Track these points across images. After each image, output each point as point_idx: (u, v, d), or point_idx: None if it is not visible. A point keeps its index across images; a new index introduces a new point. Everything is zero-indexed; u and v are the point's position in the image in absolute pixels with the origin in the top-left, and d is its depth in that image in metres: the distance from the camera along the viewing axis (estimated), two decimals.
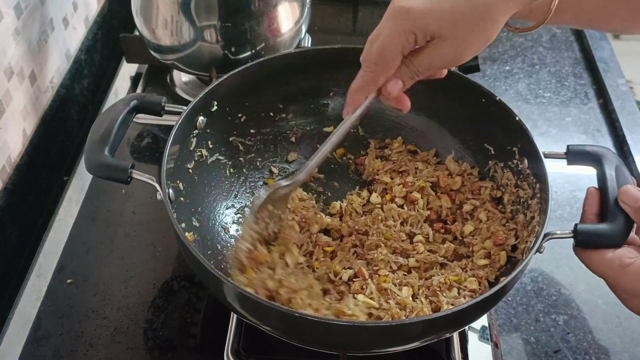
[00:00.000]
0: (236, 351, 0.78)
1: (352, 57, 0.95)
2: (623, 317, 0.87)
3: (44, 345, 0.80)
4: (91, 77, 1.22)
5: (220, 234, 0.87)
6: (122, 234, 0.93)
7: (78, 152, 1.08)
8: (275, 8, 1.01)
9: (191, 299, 0.86)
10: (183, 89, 1.15)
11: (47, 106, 1.05)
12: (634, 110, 1.17)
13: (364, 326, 0.67)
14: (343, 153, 0.99)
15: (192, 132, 0.86)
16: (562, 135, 1.15)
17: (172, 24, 0.99)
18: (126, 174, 0.75)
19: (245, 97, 0.92)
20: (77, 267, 0.89)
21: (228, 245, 0.86)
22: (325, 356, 0.76)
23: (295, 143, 0.99)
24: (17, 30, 0.95)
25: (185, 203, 0.83)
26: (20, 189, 0.96)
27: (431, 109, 0.96)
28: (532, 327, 0.86)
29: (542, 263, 0.92)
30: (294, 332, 0.70)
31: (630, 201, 0.70)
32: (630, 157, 1.08)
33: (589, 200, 0.76)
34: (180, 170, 0.83)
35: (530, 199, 0.81)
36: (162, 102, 0.83)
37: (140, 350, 0.80)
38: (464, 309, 0.65)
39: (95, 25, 1.24)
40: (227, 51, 1.01)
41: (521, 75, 1.28)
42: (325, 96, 0.99)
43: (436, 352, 0.80)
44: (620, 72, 1.26)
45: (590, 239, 0.71)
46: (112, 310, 0.84)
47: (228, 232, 0.88)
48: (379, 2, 1.40)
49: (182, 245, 0.71)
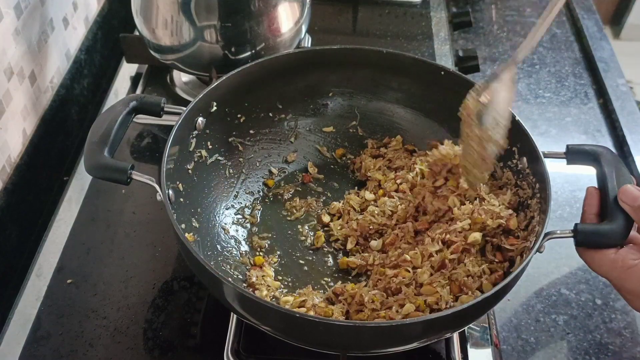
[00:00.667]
0: (236, 351, 0.78)
1: (351, 57, 0.96)
2: (623, 317, 0.87)
3: (44, 345, 0.80)
4: (91, 77, 1.22)
5: (220, 235, 0.87)
6: (122, 234, 0.93)
7: (78, 152, 1.08)
8: (275, 8, 1.01)
9: (191, 299, 0.86)
10: (183, 89, 1.15)
11: (47, 106, 1.06)
12: (634, 110, 1.17)
13: (363, 326, 0.67)
14: (342, 153, 0.99)
15: (192, 133, 0.86)
16: (562, 135, 1.15)
17: (172, 24, 0.99)
18: (126, 175, 0.75)
19: (245, 98, 0.93)
20: (77, 267, 0.89)
21: (228, 246, 0.86)
22: (325, 356, 0.76)
23: (295, 143, 0.99)
24: (17, 30, 0.95)
25: (185, 204, 0.83)
26: (20, 189, 0.96)
27: (430, 109, 0.96)
28: (532, 327, 0.86)
29: (542, 263, 0.92)
30: (293, 332, 0.70)
31: (630, 200, 0.70)
32: (630, 157, 1.08)
33: (588, 200, 0.76)
34: (179, 171, 0.83)
35: (530, 199, 0.81)
36: (161, 103, 0.83)
37: (140, 350, 0.80)
38: (464, 309, 0.65)
39: (95, 25, 1.24)
40: (227, 51, 1.01)
41: (521, 75, 1.28)
42: (325, 96, 0.99)
43: (436, 352, 0.80)
44: (620, 72, 1.26)
45: (590, 239, 0.71)
46: (112, 310, 0.84)
47: (228, 233, 0.88)
48: (379, 2, 1.40)
49: (182, 246, 0.71)
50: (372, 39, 1.31)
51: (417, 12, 1.39)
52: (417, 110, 0.97)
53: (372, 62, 0.95)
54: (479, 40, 1.36)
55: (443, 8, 1.40)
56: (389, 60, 0.94)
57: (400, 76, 0.95)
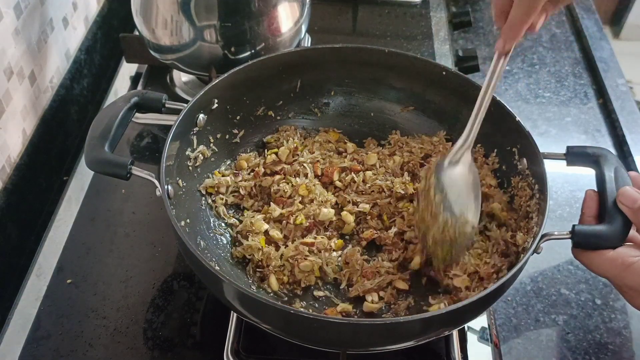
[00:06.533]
0: (236, 351, 0.78)
1: (353, 56, 0.96)
2: (623, 317, 0.87)
3: (44, 345, 0.80)
4: (91, 77, 1.22)
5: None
6: (122, 234, 0.93)
7: (78, 152, 1.08)
8: (275, 8, 1.01)
9: (191, 298, 0.86)
10: (183, 89, 1.15)
11: (46, 106, 1.06)
12: (634, 110, 1.17)
13: (361, 324, 0.67)
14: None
15: (192, 130, 0.86)
16: (562, 135, 1.15)
17: (172, 23, 0.99)
18: (125, 169, 0.75)
19: (246, 96, 0.93)
20: (76, 267, 0.89)
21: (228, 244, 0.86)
22: (325, 355, 0.76)
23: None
24: (17, 30, 0.95)
25: (185, 200, 0.83)
26: (20, 189, 0.96)
27: (430, 109, 0.96)
28: (532, 327, 0.86)
29: (542, 263, 0.92)
30: (292, 330, 0.71)
31: (629, 202, 0.70)
32: (630, 157, 1.08)
33: (587, 202, 0.76)
34: (180, 167, 0.83)
35: (529, 199, 0.81)
36: (162, 99, 0.83)
37: (140, 350, 0.80)
38: (461, 307, 0.65)
39: (95, 25, 1.24)
40: (226, 51, 1.01)
41: (521, 75, 1.28)
42: (327, 95, 0.99)
43: (436, 352, 0.80)
44: (620, 72, 1.26)
45: (588, 240, 0.71)
46: (111, 310, 0.84)
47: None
48: (379, 2, 1.40)
49: (180, 243, 0.71)
50: (372, 39, 1.31)
51: (417, 12, 1.39)
52: (417, 110, 0.97)
53: (374, 61, 0.95)
54: (478, 40, 1.36)
55: (443, 8, 1.40)
56: (391, 59, 0.94)
57: (402, 75, 0.95)
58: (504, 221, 0.83)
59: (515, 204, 0.84)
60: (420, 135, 0.96)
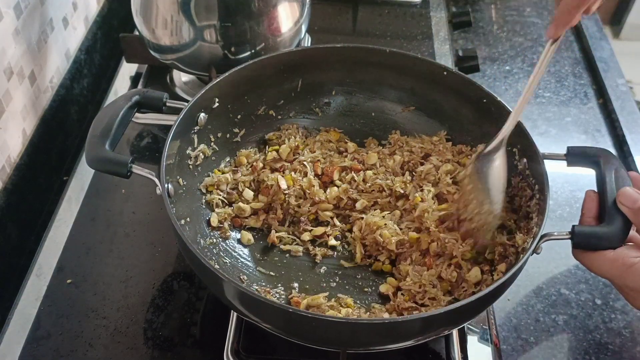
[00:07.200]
0: (236, 351, 0.78)
1: (354, 56, 0.96)
2: (623, 317, 0.87)
3: (44, 345, 0.80)
4: (91, 77, 1.22)
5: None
6: (122, 234, 0.93)
7: (78, 152, 1.08)
8: (275, 8, 1.01)
9: (191, 298, 0.86)
10: (183, 89, 1.15)
11: (46, 106, 1.05)
12: (634, 110, 1.17)
13: (361, 323, 0.67)
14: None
15: (193, 129, 0.86)
16: (562, 135, 1.15)
17: (172, 23, 0.99)
18: (126, 167, 0.75)
19: (247, 95, 0.93)
20: (76, 267, 0.89)
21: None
22: (325, 355, 0.76)
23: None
24: (17, 30, 0.95)
25: (186, 199, 0.83)
26: (20, 189, 0.96)
27: (431, 109, 0.96)
28: (532, 327, 0.86)
29: (542, 263, 0.92)
30: (292, 329, 0.71)
31: (629, 203, 0.70)
32: (630, 157, 1.08)
33: (587, 203, 0.76)
34: (181, 166, 0.83)
35: (529, 200, 0.81)
36: (163, 98, 0.83)
37: (140, 350, 0.80)
38: (461, 307, 0.65)
39: (95, 25, 1.24)
40: (226, 51, 1.01)
41: (521, 75, 1.28)
42: (328, 95, 0.99)
43: (436, 352, 0.80)
44: (620, 72, 1.26)
45: (587, 241, 0.71)
46: (111, 310, 0.84)
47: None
48: (379, 2, 1.40)
49: (180, 241, 0.71)
50: (372, 39, 1.31)
51: (417, 12, 1.39)
52: (418, 110, 0.97)
53: (375, 61, 0.95)
54: (478, 40, 1.36)
55: (443, 8, 1.40)
56: (392, 59, 0.94)
57: (403, 75, 0.95)
58: (503, 222, 0.83)
59: (515, 204, 0.84)
60: (421, 135, 0.96)
